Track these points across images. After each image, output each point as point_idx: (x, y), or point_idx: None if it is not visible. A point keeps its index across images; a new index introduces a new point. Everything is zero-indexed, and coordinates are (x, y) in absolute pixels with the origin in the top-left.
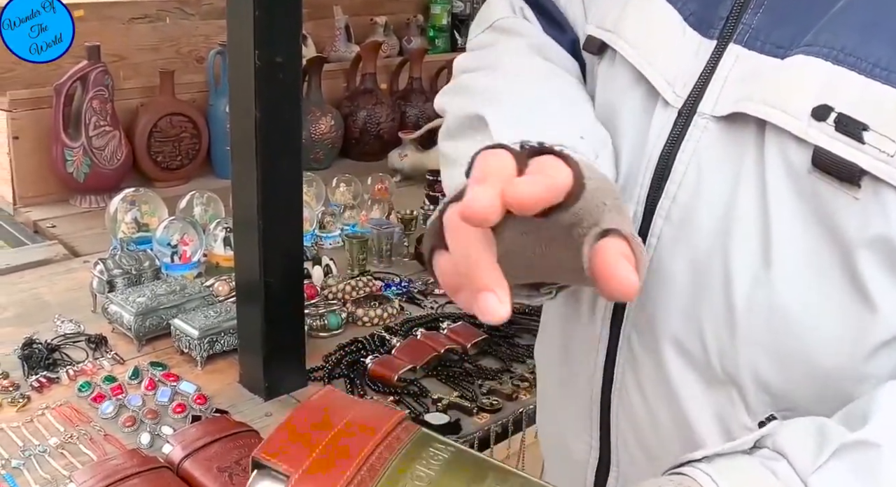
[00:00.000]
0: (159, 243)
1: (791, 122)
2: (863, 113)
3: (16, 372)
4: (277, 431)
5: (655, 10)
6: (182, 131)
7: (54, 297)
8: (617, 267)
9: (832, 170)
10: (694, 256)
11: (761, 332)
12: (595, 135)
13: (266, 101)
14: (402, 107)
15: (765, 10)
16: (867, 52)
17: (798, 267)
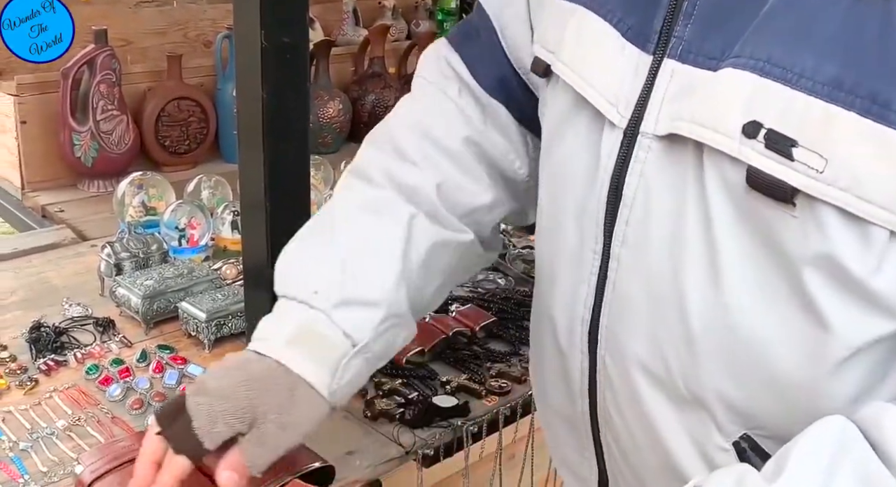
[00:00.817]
0: (167, 227)
1: (723, 142)
2: (791, 127)
3: (24, 356)
4: None
5: (593, 29)
6: (190, 115)
7: (62, 281)
8: None
9: (766, 189)
10: (649, 278)
11: (720, 353)
12: (354, 284)
13: (273, 84)
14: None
15: (695, 21)
16: (792, 61)
17: (748, 287)
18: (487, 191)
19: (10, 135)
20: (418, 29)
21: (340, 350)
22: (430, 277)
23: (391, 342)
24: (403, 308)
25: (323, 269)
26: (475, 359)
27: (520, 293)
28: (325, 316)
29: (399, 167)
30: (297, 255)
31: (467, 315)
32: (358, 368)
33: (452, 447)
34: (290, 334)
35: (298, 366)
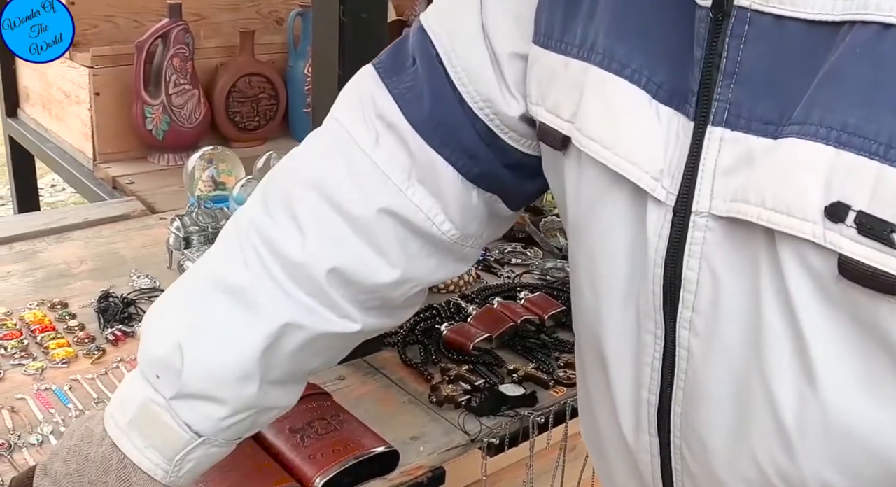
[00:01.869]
0: (236, 201)
1: (802, 227)
2: (886, 209)
3: (92, 325)
4: None
5: (617, 94)
6: (260, 92)
7: (131, 253)
8: None
9: (865, 280)
10: (730, 371)
11: (822, 450)
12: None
13: (350, 59)
14: None
15: (739, 80)
16: (877, 128)
17: (846, 379)
18: (395, 269)
19: (84, 107)
20: None
21: (181, 441)
22: (303, 363)
23: (247, 428)
24: (257, 401)
25: (163, 349)
26: (543, 348)
27: None
28: (166, 403)
29: (282, 236)
30: (157, 314)
31: (536, 303)
32: (202, 456)
33: (518, 436)
34: (132, 414)
35: (134, 455)
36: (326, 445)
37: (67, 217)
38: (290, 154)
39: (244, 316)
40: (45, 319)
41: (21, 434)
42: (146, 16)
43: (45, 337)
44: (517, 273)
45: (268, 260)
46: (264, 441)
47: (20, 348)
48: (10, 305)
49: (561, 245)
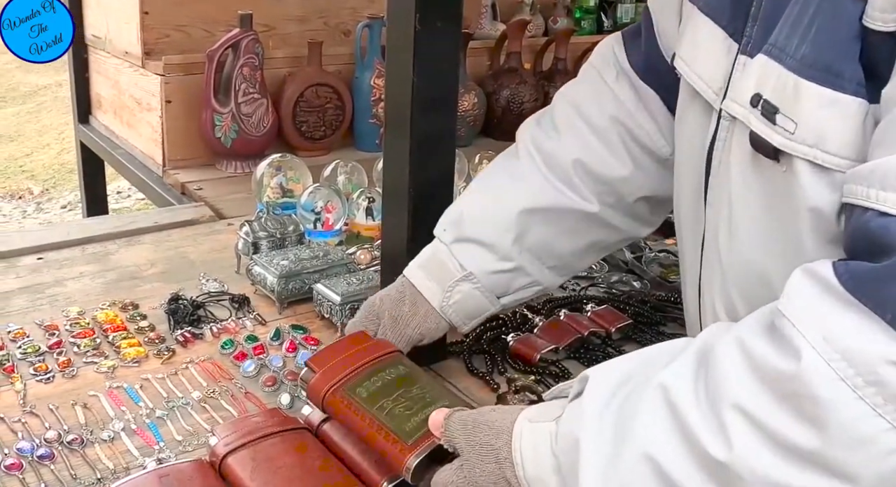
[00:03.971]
0: (303, 209)
1: (739, 111)
2: (776, 97)
3: (162, 326)
4: (324, 349)
5: (701, 26)
6: (327, 102)
7: (199, 257)
8: None
9: (760, 148)
10: (713, 230)
11: (736, 282)
12: (474, 219)
13: (424, 67)
14: (546, 87)
15: (758, 22)
16: (786, 43)
17: (752, 233)
18: (625, 166)
19: (155, 114)
20: (556, 26)
21: (452, 275)
22: (556, 238)
23: (507, 284)
24: (519, 258)
25: (453, 211)
26: None
27: (656, 297)
28: (447, 248)
29: (545, 135)
30: (452, 204)
31: (603, 316)
32: (467, 293)
33: None
34: (422, 260)
35: (418, 282)
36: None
37: (137, 221)
38: (557, 91)
39: (510, 184)
40: (117, 319)
41: (93, 430)
42: (217, 26)
43: (117, 336)
44: (583, 285)
45: (534, 153)
46: (331, 443)
47: (93, 347)
48: (83, 305)
49: (626, 258)
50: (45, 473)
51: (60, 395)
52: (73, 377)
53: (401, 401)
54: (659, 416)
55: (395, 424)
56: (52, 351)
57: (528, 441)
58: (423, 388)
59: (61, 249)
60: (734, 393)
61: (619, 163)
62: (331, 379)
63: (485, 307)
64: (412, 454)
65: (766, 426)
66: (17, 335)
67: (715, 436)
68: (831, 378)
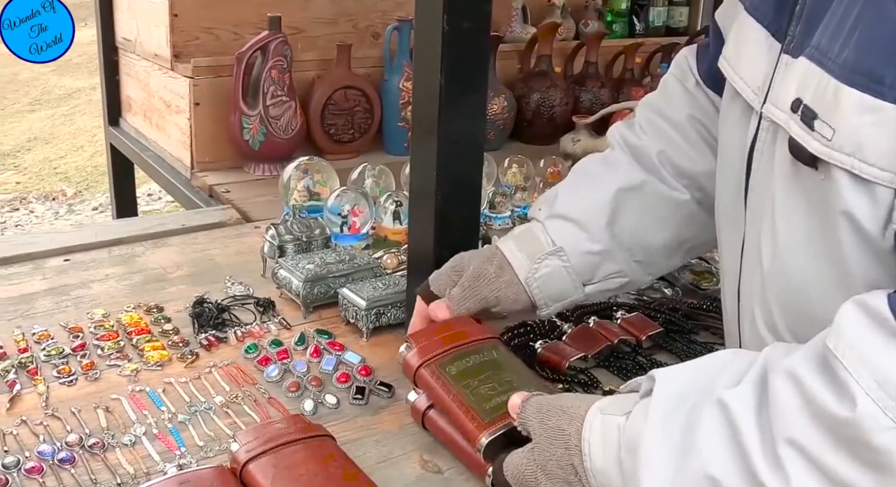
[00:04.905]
0: (330, 212)
1: (780, 116)
2: (816, 103)
3: (186, 329)
4: (426, 327)
5: (747, 26)
6: (356, 105)
7: (225, 259)
8: None
9: (798, 154)
10: (754, 235)
11: (776, 291)
12: (568, 206)
13: (452, 68)
14: (576, 91)
15: (802, 22)
16: (829, 47)
17: (794, 238)
18: (707, 161)
19: (184, 116)
20: (587, 29)
21: (542, 248)
22: (647, 227)
23: (594, 268)
24: (610, 242)
25: (548, 194)
26: (640, 370)
27: (688, 304)
28: (541, 224)
29: (632, 134)
30: (549, 190)
31: (633, 323)
32: (555, 270)
33: None
34: (515, 233)
35: (507, 250)
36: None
37: (165, 223)
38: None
39: (605, 170)
40: (142, 322)
41: (115, 434)
42: (246, 28)
43: (141, 339)
44: None
45: (624, 147)
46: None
47: (116, 349)
48: (108, 307)
49: None
50: (66, 477)
51: (83, 398)
52: (95, 380)
53: (488, 382)
54: (721, 437)
55: (476, 401)
56: (75, 353)
57: (597, 433)
58: (514, 374)
59: (88, 251)
60: (791, 427)
61: (701, 157)
62: (426, 355)
63: (569, 291)
64: (487, 431)
65: (823, 465)
66: (41, 337)
67: (773, 471)
68: (886, 426)
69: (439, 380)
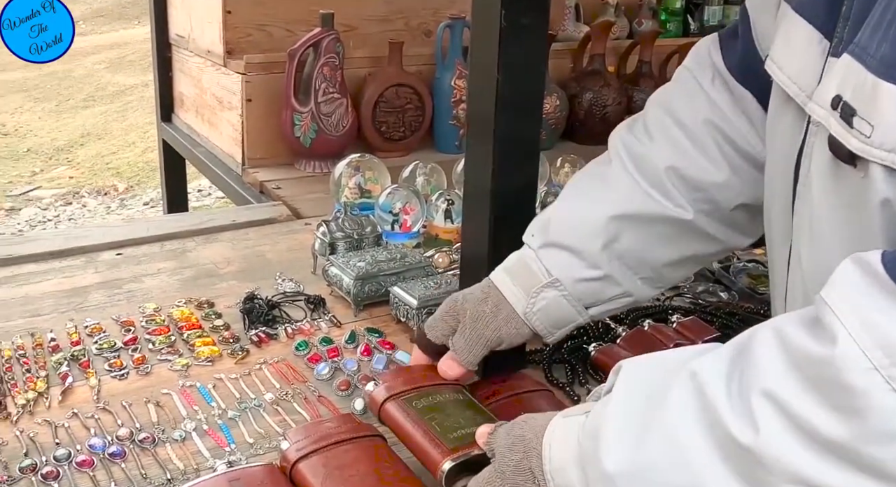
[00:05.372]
0: (381, 209)
1: (822, 114)
2: (856, 99)
3: (236, 325)
4: (395, 370)
5: (797, 27)
6: (407, 103)
7: (276, 256)
8: None
9: (837, 152)
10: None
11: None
12: (566, 225)
13: (509, 65)
14: (630, 91)
15: (849, 23)
16: (868, 42)
17: (833, 240)
18: (721, 172)
19: (236, 113)
20: (641, 28)
21: (538, 280)
22: (648, 247)
23: (596, 293)
24: (609, 266)
25: (542, 216)
26: None
27: (744, 309)
28: (535, 253)
29: (636, 141)
30: (542, 211)
31: (689, 328)
32: (553, 301)
33: None
34: (508, 264)
35: (502, 284)
36: None
37: (216, 219)
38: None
39: (601, 188)
40: (192, 317)
41: (165, 429)
42: (298, 25)
43: (192, 334)
44: (668, 295)
45: (625, 158)
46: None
47: (167, 344)
48: (160, 301)
49: (713, 268)
50: (116, 471)
51: (134, 392)
52: (146, 374)
53: (452, 418)
54: (688, 401)
55: (441, 432)
56: (127, 347)
57: (558, 434)
58: (479, 414)
59: (140, 245)
60: (764, 377)
61: (715, 167)
62: (392, 391)
63: (571, 317)
64: (449, 457)
65: (793, 412)
66: (93, 330)
67: (741, 420)
68: (865, 367)
69: (405, 413)
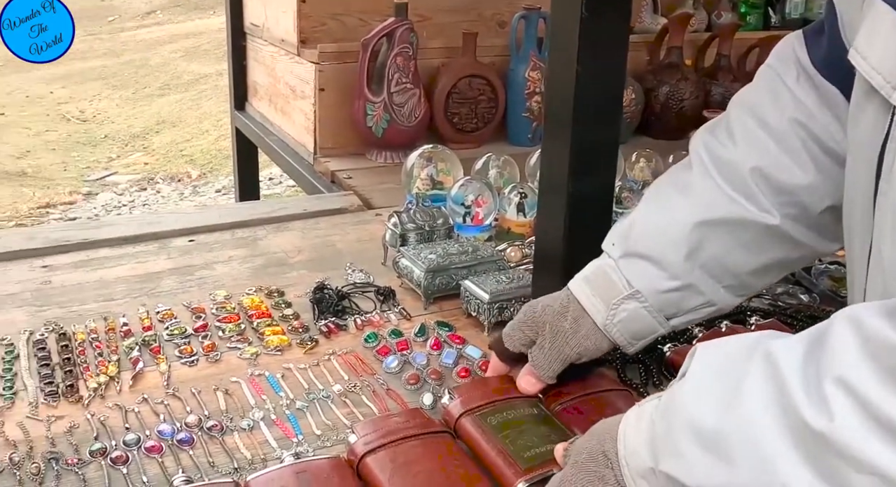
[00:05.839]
0: (454, 201)
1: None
2: None
3: (306, 315)
4: (470, 381)
5: (882, 14)
6: (480, 94)
7: (346, 246)
8: None
9: None
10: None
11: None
12: (646, 234)
13: (589, 58)
14: (708, 85)
15: None
16: None
17: None
18: (808, 173)
19: (309, 102)
20: (720, 20)
21: (618, 292)
22: (732, 254)
23: (677, 304)
24: (691, 276)
25: (621, 226)
26: None
27: (826, 312)
28: (615, 263)
29: (718, 144)
30: (622, 219)
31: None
32: (634, 313)
33: None
34: (587, 273)
35: (581, 294)
36: None
37: (287, 207)
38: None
39: (682, 195)
40: (262, 305)
41: (233, 418)
42: (372, 15)
43: (262, 323)
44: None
45: (707, 162)
46: (472, 444)
47: (237, 332)
48: (231, 289)
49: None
50: (184, 458)
51: (203, 379)
52: (216, 361)
53: (527, 435)
54: (762, 382)
55: (515, 451)
56: (197, 333)
57: (632, 418)
58: (554, 431)
59: (212, 232)
60: (839, 364)
61: (802, 169)
62: (467, 406)
63: (653, 328)
64: (523, 478)
65: (869, 401)
66: (165, 316)
67: (816, 406)
68: None
69: (479, 429)
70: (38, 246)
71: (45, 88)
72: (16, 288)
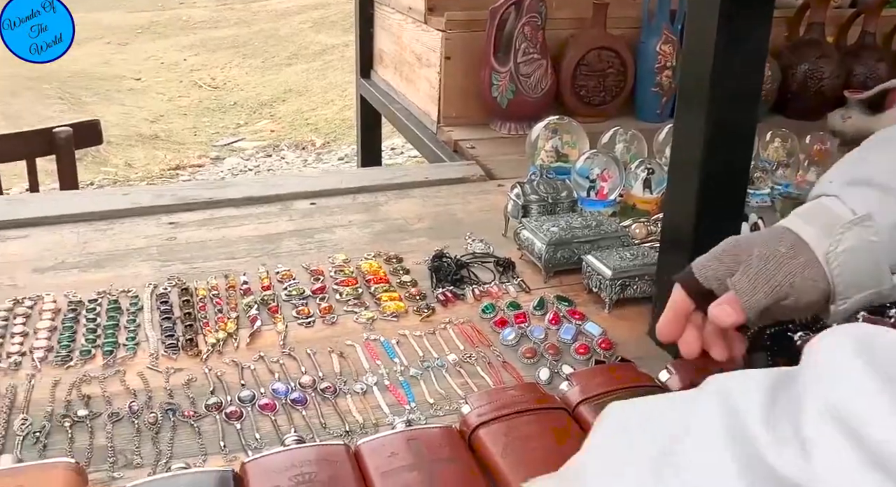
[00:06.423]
0: (578, 175)
1: None
2: None
3: (424, 282)
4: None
5: None
6: (609, 67)
7: (466, 216)
8: None
9: None
10: None
11: None
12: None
13: (729, 33)
14: (850, 64)
15: None
16: None
17: None
18: None
19: (434, 70)
20: None
21: (840, 218)
22: None
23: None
24: None
25: (839, 166)
26: None
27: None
28: (834, 197)
29: None
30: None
31: None
32: (861, 243)
33: None
34: (802, 210)
35: (796, 226)
36: None
37: (409, 175)
38: None
39: None
40: (381, 271)
41: (347, 381)
42: None
43: (379, 288)
44: None
45: None
46: (588, 427)
47: (354, 296)
48: (350, 253)
49: None
50: (297, 418)
51: (319, 341)
52: (332, 324)
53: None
54: (710, 425)
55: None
56: (315, 295)
57: None
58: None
59: (333, 196)
60: (829, 390)
61: None
62: (586, 394)
63: (875, 277)
64: None
65: (865, 433)
66: (284, 276)
67: (783, 445)
68: None
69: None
70: (166, 203)
71: (178, 56)
72: (143, 242)
